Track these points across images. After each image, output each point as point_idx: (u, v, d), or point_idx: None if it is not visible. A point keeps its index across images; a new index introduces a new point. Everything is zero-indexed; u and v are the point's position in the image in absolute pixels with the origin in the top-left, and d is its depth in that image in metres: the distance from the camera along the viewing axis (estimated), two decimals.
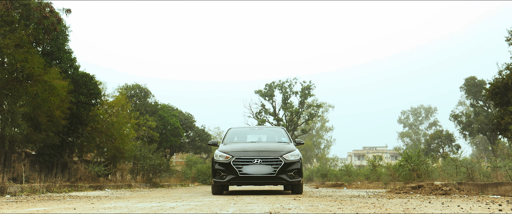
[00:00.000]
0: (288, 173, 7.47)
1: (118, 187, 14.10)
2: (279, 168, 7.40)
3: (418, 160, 11.41)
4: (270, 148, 7.87)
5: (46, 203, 5.35)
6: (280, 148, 7.87)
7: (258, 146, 7.98)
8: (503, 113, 15.03)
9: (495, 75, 16.24)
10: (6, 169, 10.99)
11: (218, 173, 7.64)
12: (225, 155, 7.66)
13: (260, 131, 10.49)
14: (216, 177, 7.66)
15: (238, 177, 7.41)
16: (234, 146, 8.18)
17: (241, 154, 7.56)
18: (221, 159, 7.67)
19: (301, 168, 7.66)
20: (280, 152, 7.64)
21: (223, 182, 7.58)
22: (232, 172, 7.46)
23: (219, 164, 7.68)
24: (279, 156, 7.52)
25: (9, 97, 10.85)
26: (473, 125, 36.48)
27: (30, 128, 11.12)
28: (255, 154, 7.56)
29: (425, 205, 4.31)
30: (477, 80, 36.62)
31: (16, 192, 8.32)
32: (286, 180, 7.42)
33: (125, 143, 16.85)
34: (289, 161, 7.54)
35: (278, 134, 9.69)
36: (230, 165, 7.49)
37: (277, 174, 7.37)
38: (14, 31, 10.37)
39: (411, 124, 71.22)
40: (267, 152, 7.61)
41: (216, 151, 8.01)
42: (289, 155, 7.64)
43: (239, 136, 9.54)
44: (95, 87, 14.46)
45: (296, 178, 7.55)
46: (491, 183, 7.46)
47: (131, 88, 29.38)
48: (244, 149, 7.79)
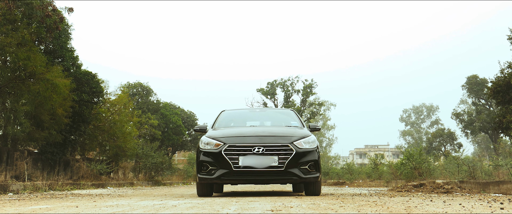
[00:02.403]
0: (301, 167, 5.66)
1: (120, 185, 14.13)
2: (288, 159, 5.58)
3: (419, 158, 11.42)
4: (276, 132, 6.07)
5: (49, 201, 5.37)
6: (290, 132, 6.03)
7: (260, 131, 6.15)
8: (505, 112, 15.01)
9: (497, 74, 16.21)
10: (9, 167, 11.03)
11: (204, 166, 5.78)
12: (215, 142, 5.81)
13: (262, 114, 8.24)
14: (202, 172, 5.81)
15: (232, 172, 5.58)
16: (228, 131, 6.28)
17: (237, 141, 5.72)
18: (209, 147, 5.81)
19: (319, 160, 5.85)
20: (290, 137, 5.81)
21: (212, 179, 5.72)
22: (223, 165, 5.62)
23: (205, 154, 5.80)
24: (288, 143, 5.69)
25: (12, 95, 10.88)
26: (475, 123, 36.42)
27: (32, 126, 11.16)
28: (255, 140, 5.72)
29: (426, 204, 4.31)
30: (479, 79, 36.53)
31: (18, 190, 8.35)
32: (299, 176, 5.62)
33: (127, 141, 16.90)
34: (303, 150, 5.71)
35: (287, 117, 7.54)
36: (220, 156, 5.64)
37: (286, 167, 5.56)
38: (16, 29, 10.40)
39: (413, 123, 71.12)
40: (272, 138, 5.80)
41: (203, 137, 6.12)
42: (303, 142, 5.81)
43: (235, 120, 7.46)
44: (97, 85, 14.49)
45: (312, 173, 5.73)
46: (493, 182, 7.46)
47: (133, 87, 29.42)
48: (240, 134, 5.97)
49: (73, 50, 14.16)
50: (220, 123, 7.13)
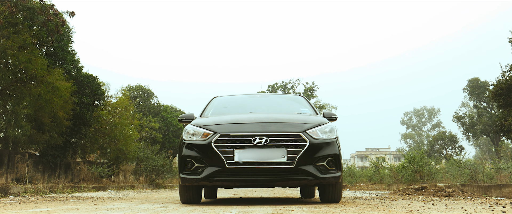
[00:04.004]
0: (318, 163, 4.35)
1: (121, 188, 14.12)
2: (300, 153, 4.26)
3: (421, 161, 11.40)
4: (284, 119, 4.77)
5: (50, 204, 5.36)
6: (301, 119, 4.75)
7: (263, 117, 4.83)
8: (507, 115, 14.99)
9: (498, 76, 16.21)
10: (10, 169, 11.03)
11: (188, 163, 4.47)
12: (203, 131, 4.49)
13: (265, 100, 6.59)
14: (185, 171, 4.49)
15: (225, 170, 4.26)
16: (220, 118, 4.97)
17: (232, 129, 4.43)
18: (195, 138, 4.49)
19: (340, 155, 4.58)
20: (302, 125, 4.52)
21: (198, 180, 4.35)
22: (214, 161, 4.30)
23: (190, 147, 4.49)
24: (300, 131, 4.39)
25: (13, 98, 10.90)
26: (476, 126, 36.38)
27: (33, 129, 11.16)
28: (256, 128, 4.42)
29: (428, 207, 4.30)
30: (480, 82, 36.52)
31: (19, 193, 8.35)
32: (314, 175, 4.30)
33: (128, 144, 16.91)
34: (319, 141, 4.40)
35: (296, 103, 6.21)
36: (210, 149, 4.32)
37: (297, 164, 4.23)
38: (18, 33, 10.43)
39: (414, 126, 71.09)
40: (278, 125, 4.50)
41: (188, 126, 4.77)
42: (319, 130, 4.51)
43: (231, 106, 6.03)
44: (98, 88, 14.51)
45: (331, 171, 4.42)
46: (495, 185, 7.43)
47: (134, 89, 29.46)
48: (236, 120, 4.70)
49: (74, 53, 14.20)
50: (211, 111, 5.79)
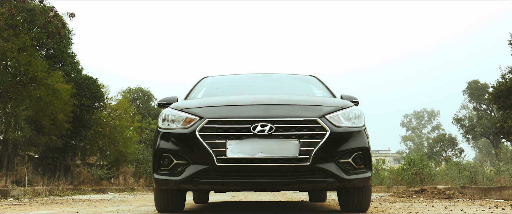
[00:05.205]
0: (342, 160, 3.20)
1: (121, 191, 14.11)
2: (319, 145, 3.10)
3: (421, 164, 11.40)
4: (294, 100, 3.59)
5: (49, 207, 5.36)
6: (317, 101, 3.58)
7: (267, 98, 3.66)
8: (506, 117, 15.00)
9: (498, 79, 16.22)
10: (9, 172, 11.02)
11: (164, 159, 3.30)
12: (185, 115, 3.33)
13: (268, 80, 5.11)
14: (161, 170, 3.31)
15: (214, 170, 3.11)
16: (209, 99, 3.79)
17: (224, 112, 3.27)
18: (175, 126, 3.33)
19: (370, 147, 3.35)
20: (319, 108, 3.35)
21: (177, 183, 3.20)
22: (199, 156, 3.14)
23: (167, 137, 3.33)
24: (317, 116, 3.22)
25: (13, 100, 10.90)
26: (476, 128, 36.40)
27: (33, 131, 11.16)
28: (258, 111, 3.26)
29: (428, 209, 4.30)
30: (480, 84, 36.55)
31: (19, 195, 8.34)
32: (337, 176, 3.13)
33: (128, 146, 16.90)
34: (343, 130, 3.23)
35: (308, 84, 4.88)
36: (194, 139, 3.16)
37: (313, 160, 3.07)
38: (18, 35, 10.44)
39: (414, 128, 71.06)
40: (287, 108, 3.34)
41: (165, 110, 3.57)
42: (341, 115, 3.34)
43: (225, 88, 4.76)
44: (98, 90, 14.52)
45: (360, 171, 3.25)
46: (494, 187, 7.44)
47: (134, 92, 29.46)
48: (231, 102, 3.54)
49: (74, 55, 14.21)
50: (200, 92, 4.57)
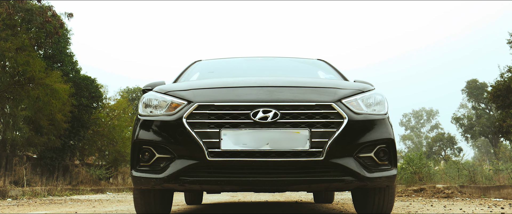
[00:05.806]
0: (361, 154, 2.64)
1: (120, 191, 14.10)
2: (334, 135, 2.52)
3: (420, 163, 11.40)
4: (303, 82, 3.00)
5: (48, 207, 5.34)
6: (331, 83, 3.02)
7: (271, 80, 3.03)
8: (505, 116, 15.01)
9: (496, 78, 16.23)
10: (8, 172, 10.99)
11: (144, 153, 2.71)
12: (170, 99, 2.75)
13: (271, 63, 4.47)
14: (140, 166, 2.71)
15: (205, 166, 2.54)
16: (200, 81, 3.27)
17: (218, 95, 2.71)
18: (158, 112, 2.76)
19: (394, 138, 2.78)
20: (333, 91, 2.80)
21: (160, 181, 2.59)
22: (187, 148, 2.56)
23: (147, 126, 2.74)
24: (332, 100, 2.66)
25: (11, 100, 10.88)
26: (475, 127, 36.45)
27: (31, 131, 11.14)
28: (259, 94, 2.70)
29: (427, 208, 4.29)
30: (479, 83, 36.60)
31: (17, 196, 8.32)
32: (356, 174, 2.57)
33: (126, 146, 16.88)
34: (363, 117, 2.67)
35: (316, 68, 4.27)
36: (181, 128, 2.58)
37: (327, 154, 2.50)
38: (16, 34, 10.41)
39: (413, 127, 71.12)
40: (295, 91, 2.80)
41: (147, 93, 2.95)
42: (360, 100, 2.78)
43: (220, 71, 4.14)
44: (96, 90, 14.49)
45: (383, 168, 2.68)
46: (493, 186, 7.44)
47: (132, 91, 29.42)
48: (226, 83, 2.95)
49: (72, 55, 14.18)
50: (193, 75, 3.96)
